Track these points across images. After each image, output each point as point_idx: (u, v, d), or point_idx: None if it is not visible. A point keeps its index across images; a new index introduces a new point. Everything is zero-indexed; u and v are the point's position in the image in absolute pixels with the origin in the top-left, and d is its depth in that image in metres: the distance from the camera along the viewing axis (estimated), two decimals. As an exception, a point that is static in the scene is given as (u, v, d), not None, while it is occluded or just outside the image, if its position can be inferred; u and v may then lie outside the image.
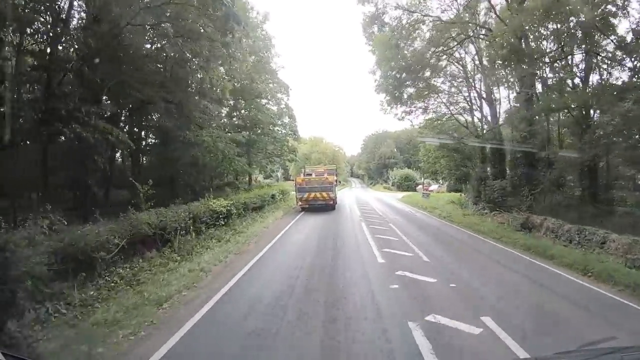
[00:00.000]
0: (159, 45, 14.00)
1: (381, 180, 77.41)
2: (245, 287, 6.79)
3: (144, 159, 19.97)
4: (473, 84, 24.57)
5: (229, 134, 15.94)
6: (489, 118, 25.20)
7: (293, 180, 28.91)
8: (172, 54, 13.40)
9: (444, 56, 22.50)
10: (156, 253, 8.28)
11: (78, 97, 14.35)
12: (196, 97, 14.27)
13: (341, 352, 4.29)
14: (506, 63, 16.13)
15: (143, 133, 19.60)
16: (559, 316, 5.64)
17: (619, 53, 14.37)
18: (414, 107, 24.91)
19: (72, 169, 12.41)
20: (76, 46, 14.02)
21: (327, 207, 20.25)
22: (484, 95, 23.47)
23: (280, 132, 27.93)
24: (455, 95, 25.65)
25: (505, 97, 23.53)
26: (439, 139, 26.66)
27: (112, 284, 6.69)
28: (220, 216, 11.95)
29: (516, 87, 21.60)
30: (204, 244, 9.81)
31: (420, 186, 52.61)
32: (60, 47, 13.50)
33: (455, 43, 21.68)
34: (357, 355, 4.20)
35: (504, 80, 22.94)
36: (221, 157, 14.95)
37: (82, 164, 12.39)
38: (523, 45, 16.24)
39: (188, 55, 12.43)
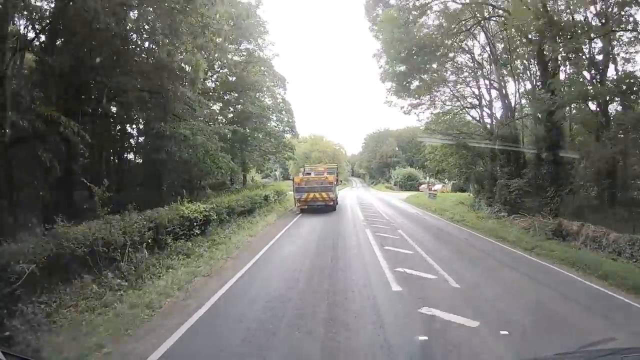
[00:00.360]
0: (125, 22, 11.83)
1: (383, 179, 75.73)
2: (202, 337, 4.65)
3: (136, 157, 17.93)
4: (485, 74, 22.50)
5: (211, 127, 13.70)
6: (497, 115, 23.39)
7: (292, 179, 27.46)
8: (141, 30, 11.25)
9: (453, 44, 20.45)
10: (91, 279, 6.11)
11: (32, 82, 12.25)
12: (174, 83, 12.07)
13: None
14: (538, 37, 13.99)
15: (134, 128, 17.50)
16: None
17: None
18: (422, 99, 22.86)
19: (15, 167, 10.31)
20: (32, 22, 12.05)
21: (327, 208, 18.95)
22: (496, 85, 21.32)
23: (275, 127, 25.80)
24: (464, 87, 23.62)
25: (517, 91, 21.21)
26: (441, 138, 24.69)
27: (8, 333, 4.55)
28: (195, 224, 9.79)
29: (536, 75, 19.62)
30: (166, 262, 7.62)
31: (424, 186, 50.81)
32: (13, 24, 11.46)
33: (465, 29, 19.52)
34: None
35: (520, 68, 21.01)
36: (202, 152, 12.80)
37: (27, 162, 10.31)
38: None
39: (153, 24, 10.24)
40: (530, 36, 17.72)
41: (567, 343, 4.46)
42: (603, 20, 13.50)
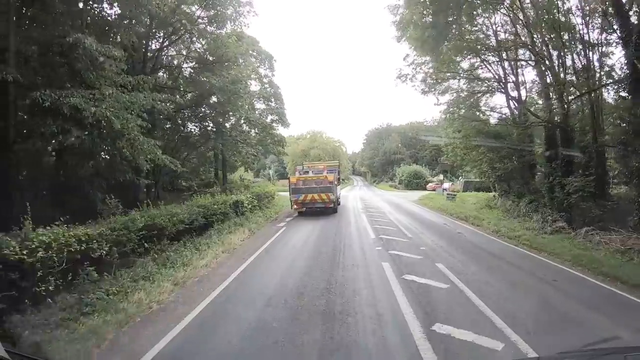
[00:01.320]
0: None
1: (386, 177, 71.20)
2: None
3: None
4: (524, 42, 17.53)
5: (126, 95, 8.36)
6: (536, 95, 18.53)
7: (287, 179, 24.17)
8: None
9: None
10: None
11: None
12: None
13: None
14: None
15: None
16: None
17: None
18: (447, 73, 18.04)
19: None
20: None
21: (327, 210, 17.36)
22: (548, 47, 16.19)
23: (259, 115, 20.75)
24: (495, 62, 18.72)
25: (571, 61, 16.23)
26: (464, 124, 20.10)
27: None
28: (46, 273, 4.72)
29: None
30: None
31: (432, 184, 46.54)
32: None
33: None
34: None
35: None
36: (111, 136, 7.74)
37: None
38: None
39: None
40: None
41: None
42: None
